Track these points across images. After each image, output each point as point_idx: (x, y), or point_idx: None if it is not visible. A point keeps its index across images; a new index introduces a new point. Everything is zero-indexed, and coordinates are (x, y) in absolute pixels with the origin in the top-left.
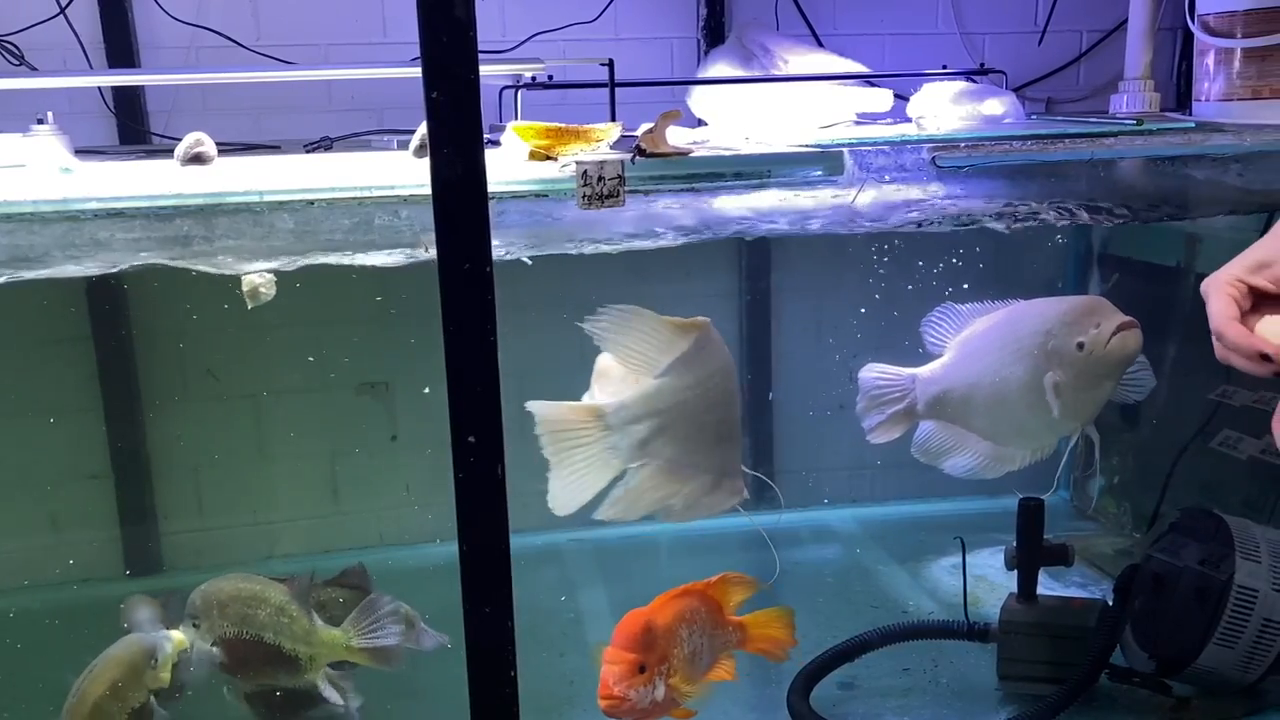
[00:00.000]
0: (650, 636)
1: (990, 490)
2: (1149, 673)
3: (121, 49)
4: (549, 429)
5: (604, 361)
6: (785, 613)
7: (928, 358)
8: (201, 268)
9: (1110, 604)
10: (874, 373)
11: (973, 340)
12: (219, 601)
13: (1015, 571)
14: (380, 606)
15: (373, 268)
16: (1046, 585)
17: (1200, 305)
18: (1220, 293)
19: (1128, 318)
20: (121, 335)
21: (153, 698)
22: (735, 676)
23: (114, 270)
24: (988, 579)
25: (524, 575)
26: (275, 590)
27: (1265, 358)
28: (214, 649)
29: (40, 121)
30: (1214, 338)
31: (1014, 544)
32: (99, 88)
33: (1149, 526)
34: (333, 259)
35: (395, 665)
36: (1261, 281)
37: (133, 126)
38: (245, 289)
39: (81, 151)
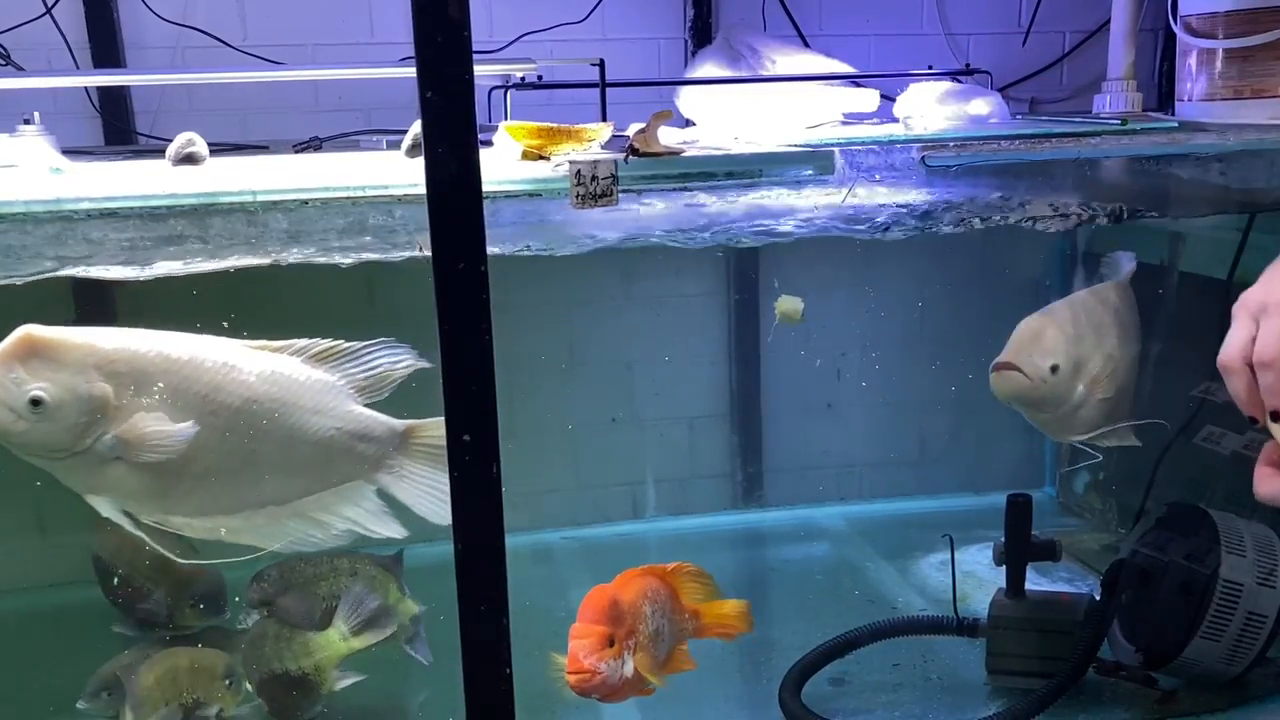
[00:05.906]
0: (617, 610)
1: (977, 487)
2: (1135, 666)
3: (107, 49)
4: None
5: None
6: (740, 606)
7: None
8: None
9: (1097, 599)
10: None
11: None
12: None
13: (1003, 567)
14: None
15: (360, 266)
16: (1034, 581)
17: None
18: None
19: (1006, 360)
20: None
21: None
22: (695, 664)
23: (107, 271)
24: (976, 575)
25: (516, 573)
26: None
27: None
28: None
29: (27, 122)
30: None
31: (1002, 540)
32: (85, 88)
33: (1134, 522)
34: (321, 257)
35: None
36: None
37: (118, 126)
38: None
39: (67, 151)
